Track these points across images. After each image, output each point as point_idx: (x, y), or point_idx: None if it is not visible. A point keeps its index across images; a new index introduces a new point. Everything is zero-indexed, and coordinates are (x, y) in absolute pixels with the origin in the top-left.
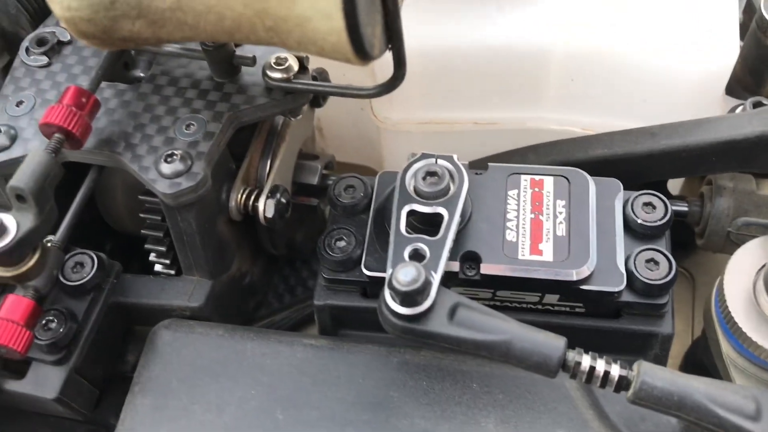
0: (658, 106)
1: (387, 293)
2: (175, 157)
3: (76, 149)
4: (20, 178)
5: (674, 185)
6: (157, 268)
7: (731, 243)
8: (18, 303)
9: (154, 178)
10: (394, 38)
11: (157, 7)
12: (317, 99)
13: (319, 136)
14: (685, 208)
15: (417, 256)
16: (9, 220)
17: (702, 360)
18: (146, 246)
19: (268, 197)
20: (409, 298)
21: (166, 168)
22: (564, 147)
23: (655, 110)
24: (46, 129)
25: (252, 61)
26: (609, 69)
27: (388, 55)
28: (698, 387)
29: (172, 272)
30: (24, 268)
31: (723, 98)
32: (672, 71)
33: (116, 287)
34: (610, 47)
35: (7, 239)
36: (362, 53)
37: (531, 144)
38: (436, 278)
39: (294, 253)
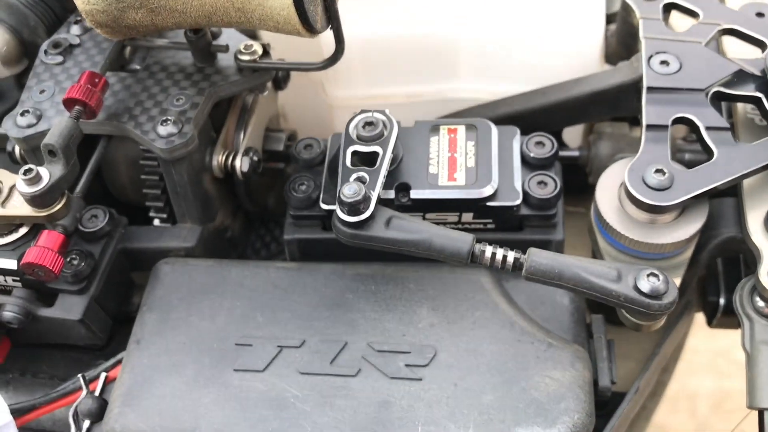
0: (549, 72)
1: (338, 208)
2: (169, 121)
3: (91, 119)
4: (51, 138)
5: (573, 141)
6: (155, 222)
7: None
8: (52, 235)
9: (154, 138)
10: (332, 18)
11: None
12: (279, 82)
13: (283, 120)
14: (577, 153)
15: (359, 180)
16: (43, 171)
17: None
18: (146, 203)
19: (243, 156)
20: (353, 208)
21: (162, 130)
22: (477, 110)
23: (547, 76)
24: (69, 103)
25: (226, 49)
26: (506, 46)
27: (332, 41)
28: (574, 262)
29: (168, 225)
30: (54, 210)
31: (602, 65)
32: (554, 44)
33: (123, 236)
34: (505, 28)
35: (42, 185)
36: (308, 25)
37: (452, 111)
38: (374, 195)
39: (267, 214)
